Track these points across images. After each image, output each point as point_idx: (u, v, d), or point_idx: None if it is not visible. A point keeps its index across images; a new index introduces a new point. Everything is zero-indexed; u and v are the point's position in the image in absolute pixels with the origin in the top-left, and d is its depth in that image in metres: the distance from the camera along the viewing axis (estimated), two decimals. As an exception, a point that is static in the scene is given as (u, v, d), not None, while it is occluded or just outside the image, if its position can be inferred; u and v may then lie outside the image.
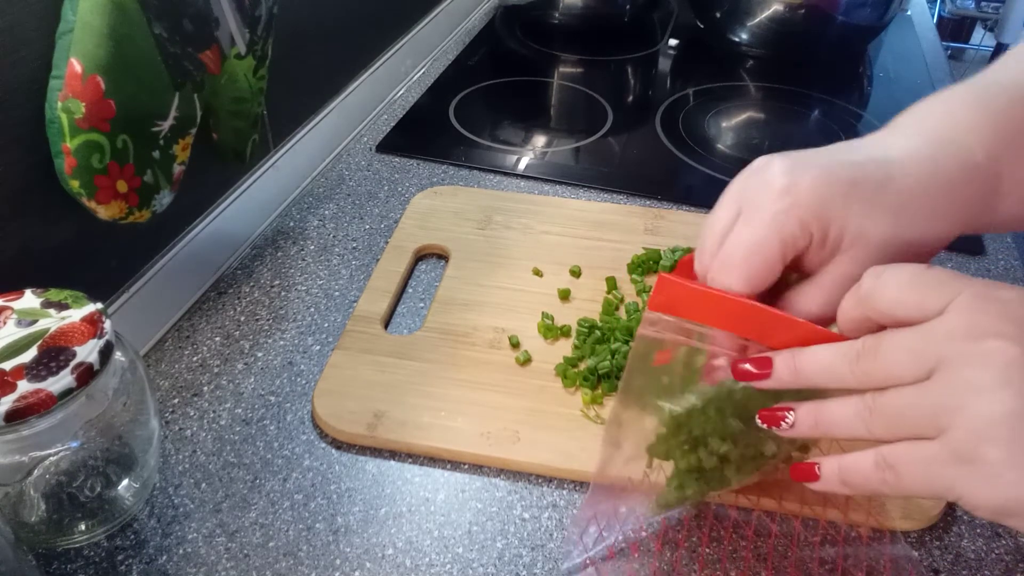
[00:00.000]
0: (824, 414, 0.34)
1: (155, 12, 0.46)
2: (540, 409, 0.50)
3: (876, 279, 0.32)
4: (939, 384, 0.29)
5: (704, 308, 0.37)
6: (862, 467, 0.32)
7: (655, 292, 0.38)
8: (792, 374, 0.34)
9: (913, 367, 0.30)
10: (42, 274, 0.47)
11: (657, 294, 0.38)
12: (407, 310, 0.60)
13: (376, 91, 0.88)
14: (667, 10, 1.25)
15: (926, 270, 0.32)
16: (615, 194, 0.75)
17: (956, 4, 2.98)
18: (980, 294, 0.30)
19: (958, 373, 0.29)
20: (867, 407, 0.32)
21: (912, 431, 0.30)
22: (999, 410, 0.28)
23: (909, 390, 0.30)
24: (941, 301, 0.30)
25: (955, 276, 0.31)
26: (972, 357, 0.29)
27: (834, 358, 0.33)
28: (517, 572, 0.42)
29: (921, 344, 0.30)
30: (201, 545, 0.43)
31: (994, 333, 0.29)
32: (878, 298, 0.32)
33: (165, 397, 0.52)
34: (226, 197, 0.64)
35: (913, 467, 0.30)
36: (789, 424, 0.35)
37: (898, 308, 0.31)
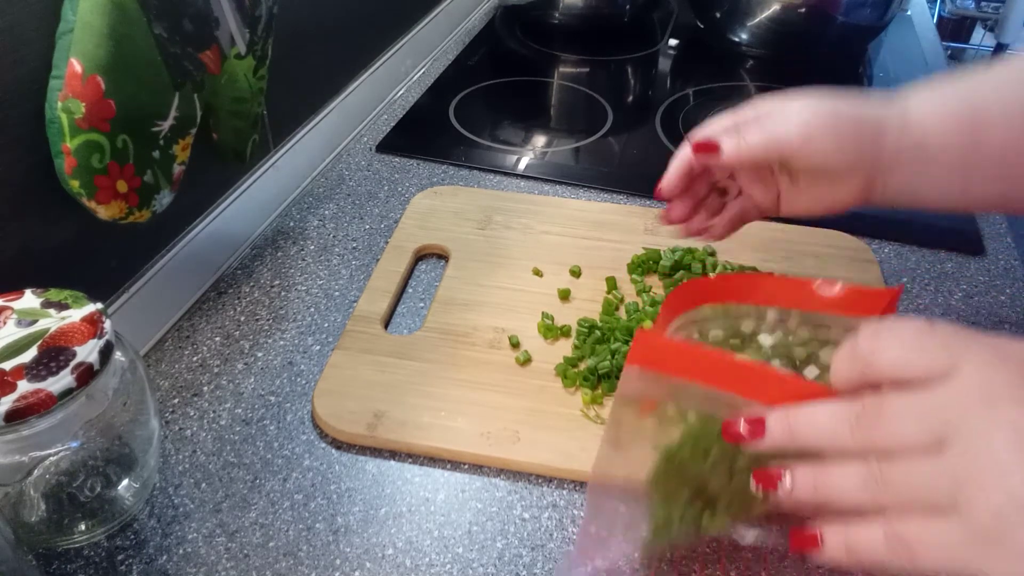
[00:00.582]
0: (825, 479, 0.31)
1: (155, 12, 0.46)
2: (540, 409, 0.50)
3: (875, 339, 0.31)
4: (954, 456, 0.28)
5: (687, 363, 0.35)
6: (872, 541, 0.30)
7: (634, 348, 0.37)
8: (787, 436, 0.32)
9: (922, 435, 0.28)
10: (42, 274, 0.47)
11: (636, 350, 0.36)
12: (407, 310, 0.60)
13: (376, 91, 0.88)
14: (667, 10, 1.25)
15: (929, 328, 0.30)
16: (615, 194, 0.75)
17: (956, 4, 2.98)
18: (991, 353, 0.29)
19: (974, 444, 0.27)
20: (873, 476, 0.30)
21: (926, 505, 0.28)
22: (1020, 487, 0.26)
23: (920, 461, 0.28)
24: (949, 363, 0.29)
25: (961, 334, 0.30)
26: (988, 426, 0.27)
27: (833, 420, 0.31)
28: (517, 572, 0.42)
29: (930, 410, 0.28)
30: (201, 545, 0.43)
31: (1009, 398, 0.27)
32: (879, 360, 0.30)
33: (165, 397, 0.52)
34: (226, 197, 0.64)
35: (930, 546, 0.28)
36: (786, 487, 0.33)
37: (902, 370, 0.30)
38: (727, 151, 0.47)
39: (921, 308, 0.61)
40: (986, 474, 0.27)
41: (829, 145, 0.45)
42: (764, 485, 0.33)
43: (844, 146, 0.45)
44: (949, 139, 0.45)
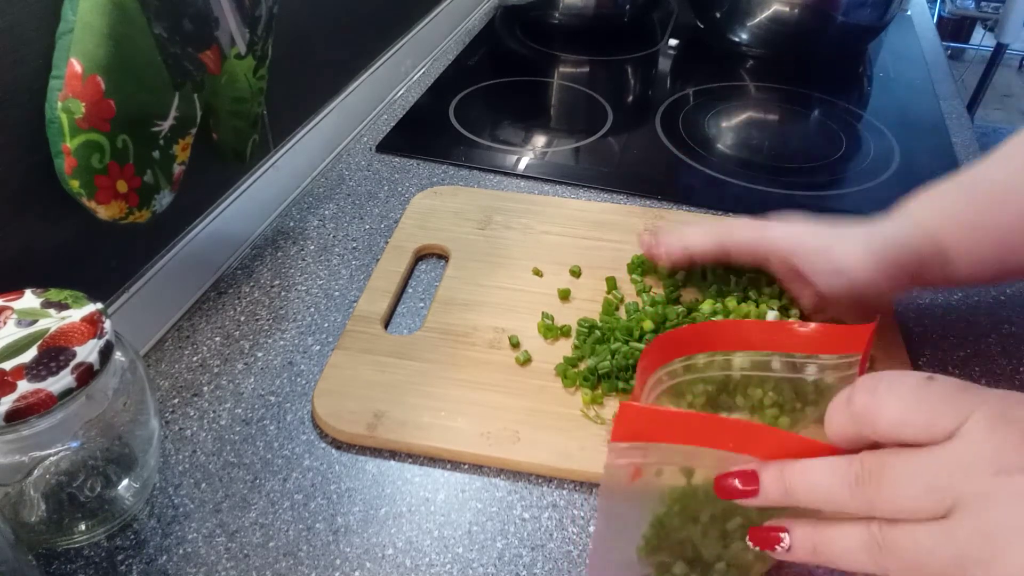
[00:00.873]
0: (825, 541, 0.30)
1: (155, 12, 0.46)
2: (540, 409, 0.50)
3: (872, 395, 0.29)
4: (965, 528, 0.26)
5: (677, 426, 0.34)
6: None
7: (618, 422, 0.35)
8: (782, 493, 0.31)
9: (927, 502, 0.27)
10: (42, 274, 0.47)
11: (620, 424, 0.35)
12: (407, 310, 0.60)
13: (376, 91, 0.88)
14: (667, 10, 1.25)
15: (929, 383, 0.29)
16: (615, 194, 0.75)
17: (956, 4, 2.98)
18: (998, 414, 0.27)
19: (986, 516, 0.26)
20: (876, 541, 0.28)
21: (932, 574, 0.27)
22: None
23: (927, 531, 0.27)
24: (952, 422, 0.27)
25: (964, 389, 0.28)
26: (1001, 497, 0.26)
27: (830, 480, 0.30)
28: (517, 572, 0.42)
29: (935, 476, 0.27)
30: (201, 545, 0.43)
31: (1021, 468, 0.26)
32: (877, 418, 0.29)
33: (165, 397, 0.52)
34: (226, 197, 0.64)
35: None
36: (785, 548, 0.31)
37: (901, 430, 0.28)
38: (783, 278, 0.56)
39: (922, 307, 0.61)
40: (994, 545, 0.26)
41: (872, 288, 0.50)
42: (762, 546, 0.32)
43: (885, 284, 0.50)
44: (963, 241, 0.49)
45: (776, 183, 0.78)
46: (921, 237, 0.50)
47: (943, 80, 1.03)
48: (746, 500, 0.32)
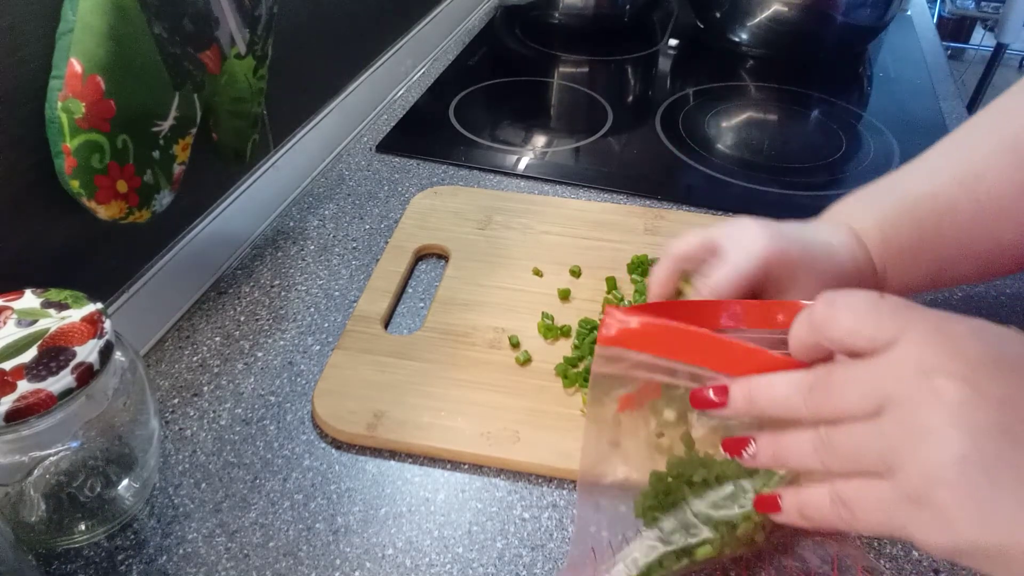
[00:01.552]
0: (782, 445, 0.34)
1: (155, 12, 0.46)
2: (540, 409, 0.50)
3: (829, 307, 0.32)
4: (889, 423, 0.29)
5: (658, 339, 0.37)
6: (819, 502, 0.33)
7: (604, 325, 0.37)
8: (747, 403, 0.34)
9: (863, 403, 0.30)
10: (42, 274, 0.47)
11: (608, 327, 0.37)
12: (407, 310, 0.60)
13: (376, 91, 0.88)
14: (667, 10, 1.25)
15: (879, 299, 0.32)
16: (615, 194, 0.75)
17: (956, 4, 2.98)
18: (931, 328, 0.30)
19: (907, 412, 0.29)
20: (822, 442, 0.32)
21: (865, 468, 0.30)
22: (949, 453, 0.28)
23: (860, 427, 0.30)
24: (892, 333, 0.30)
25: (908, 307, 0.31)
26: (921, 396, 0.29)
27: (788, 389, 0.33)
28: (517, 572, 0.42)
29: (871, 379, 0.30)
30: (201, 545, 0.43)
31: (943, 371, 0.29)
32: (831, 327, 0.32)
33: (165, 397, 0.52)
34: (226, 197, 0.64)
35: (866, 507, 0.30)
36: (751, 454, 0.35)
37: (850, 338, 0.31)
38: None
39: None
40: (915, 440, 0.28)
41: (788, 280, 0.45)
42: (732, 452, 0.36)
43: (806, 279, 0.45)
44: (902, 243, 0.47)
45: (776, 183, 0.78)
46: (864, 260, 0.47)
47: (943, 80, 1.03)
48: (716, 410, 0.36)
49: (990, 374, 0.28)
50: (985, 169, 0.46)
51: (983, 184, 0.46)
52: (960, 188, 0.47)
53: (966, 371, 0.28)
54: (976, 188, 0.46)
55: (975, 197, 0.46)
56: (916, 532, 0.29)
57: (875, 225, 0.48)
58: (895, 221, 0.48)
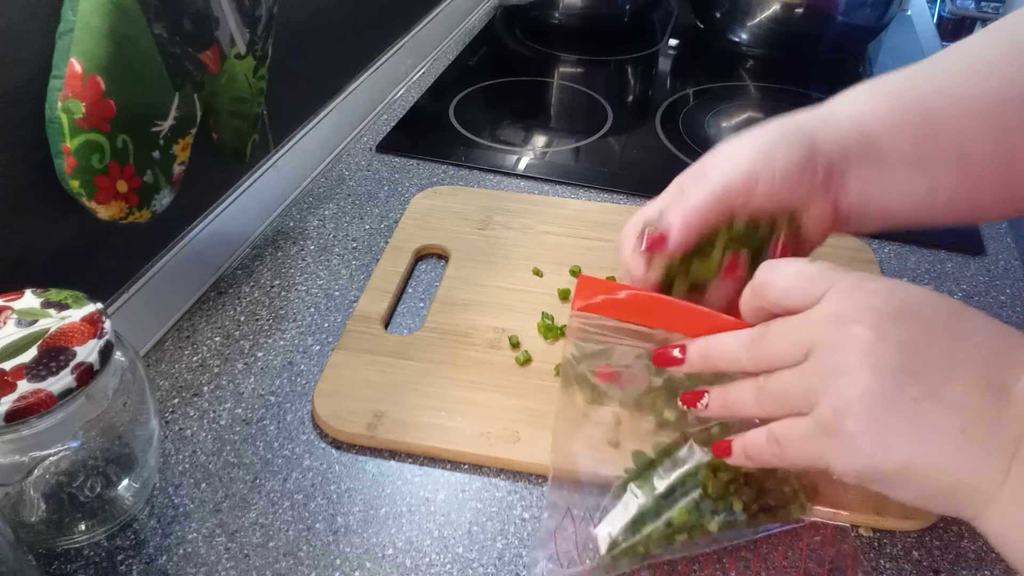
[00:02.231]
0: (729, 395, 0.38)
1: (155, 12, 0.46)
2: (540, 409, 0.50)
3: (768, 272, 0.36)
4: (811, 366, 0.34)
5: (626, 305, 0.41)
6: (758, 442, 0.37)
7: (577, 293, 0.42)
8: (702, 360, 0.39)
9: (793, 351, 0.34)
10: (42, 274, 0.47)
11: (580, 295, 0.42)
12: (407, 310, 0.60)
13: (376, 91, 0.88)
14: (667, 10, 1.25)
15: (809, 264, 0.36)
16: (615, 194, 0.75)
17: (956, 4, 2.98)
18: (851, 285, 0.34)
19: (826, 356, 0.33)
20: (759, 388, 0.36)
21: (792, 408, 0.34)
22: (855, 389, 0.32)
23: (788, 372, 0.34)
24: (819, 291, 0.34)
25: (834, 269, 0.35)
26: (837, 342, 0.33)
27: (734, 344, 0.37)
28: (517, 572, 0.42)
29: (798, 331, 0.34)
30: (201, 545, 0.43)
31: (856, 320, 0.33)
32: (769, 289, 0.36)
33: (165, 397, 0.52)
34: (226, 197, 0.64)
35: (792, 440, 0.35)
36: (704, 404, 0.39)
37: (785, 297, 0.35)
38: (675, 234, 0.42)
39: (921, 308, 0.61)
40: (830, 378, 0.32)
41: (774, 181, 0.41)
42: (688, 404, 0.40)
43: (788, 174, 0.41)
44: (899, 132, 0.42)
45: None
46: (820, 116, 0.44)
47: (943, 80, 1.03)
48: (676, 367, 0.40)
49: (894, 321, 0.32)
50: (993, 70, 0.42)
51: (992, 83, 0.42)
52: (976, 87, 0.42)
53: (875, 319, 0.32)
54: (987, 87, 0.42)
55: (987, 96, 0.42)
56: (830, 459, 0.33)
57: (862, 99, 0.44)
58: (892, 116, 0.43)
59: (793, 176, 0.41)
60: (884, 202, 0.43)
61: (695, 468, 0.42)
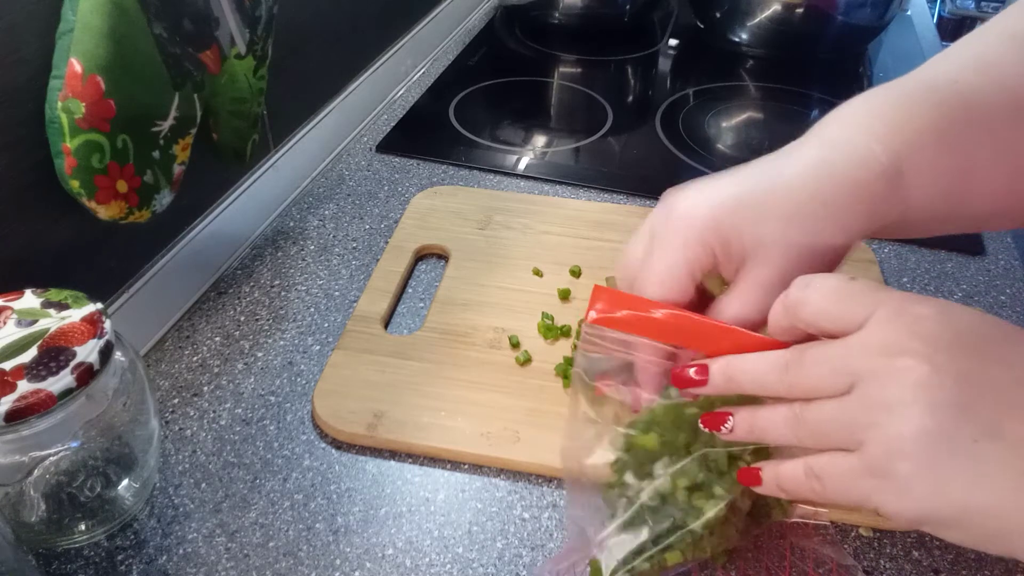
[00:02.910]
0: (758, 420, 0.35)
1: (155, 12, 0.46)
2: (540, 409, 0.50)
3: (802, 290, 0.33)
4: (856, 400, 0.31)
5: (644, 320, 0.38)
6: (795, 475, 0.34)
7: (592, 304, 0.39)
8: (727, 381, 0.35)
9: (833, 381, 0.31)
10: (42, 274, 0.47)
11: (595, 306, 0.39)
12: (407, 310, 0.60)
13: (376, 91, 0.88)
14: (667, 10, 1.25)
15: (849, 282, 0.32)
16: (615, 194, 0.75)
17: (956, 4, 2.98)
18: (896, 309, 0.31)
19: (873, 390, 0.30)
20: (795, 416, 0.33)
21: (834, 443, 0.32)
22: (909, 427, 0.29)
23: (830, 404, 0.32)
24: (861, 314, 0.31)
25: (877, 289, 0.32)
26: (885, 374, 0.30)
27: (764, 367, 0.34)
28: (517, 572, 0.42)
29: (840, 359, 0.31)
30: (201, 545, 0.43)
31: (906, 351, 0.30)
32: (803, 309, 0.33)
33: (165, 397, 0.52)
34: (226, 197, 0.64)
35: (835, 478, 0.32)
36: (728, 428, 0.36)
37: (821, 319, 0.32)
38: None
39: (921, 308, 0.61)
40: (880, 415, 0.30)
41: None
42: (710, 427, 0.37)
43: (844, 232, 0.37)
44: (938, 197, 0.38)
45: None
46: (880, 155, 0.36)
47: (943, 80, 1.03)
48: (697, 388, 0.36)
49: (949, 352, 0.30)
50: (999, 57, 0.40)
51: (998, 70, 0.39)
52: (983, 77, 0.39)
53: (927, 350, 0.30)
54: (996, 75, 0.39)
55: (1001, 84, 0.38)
56: (879, 502, 0.31)
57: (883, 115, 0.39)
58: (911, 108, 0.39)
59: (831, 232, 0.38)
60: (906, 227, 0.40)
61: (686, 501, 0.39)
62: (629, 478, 0.40)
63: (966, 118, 0.38)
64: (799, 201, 0.36)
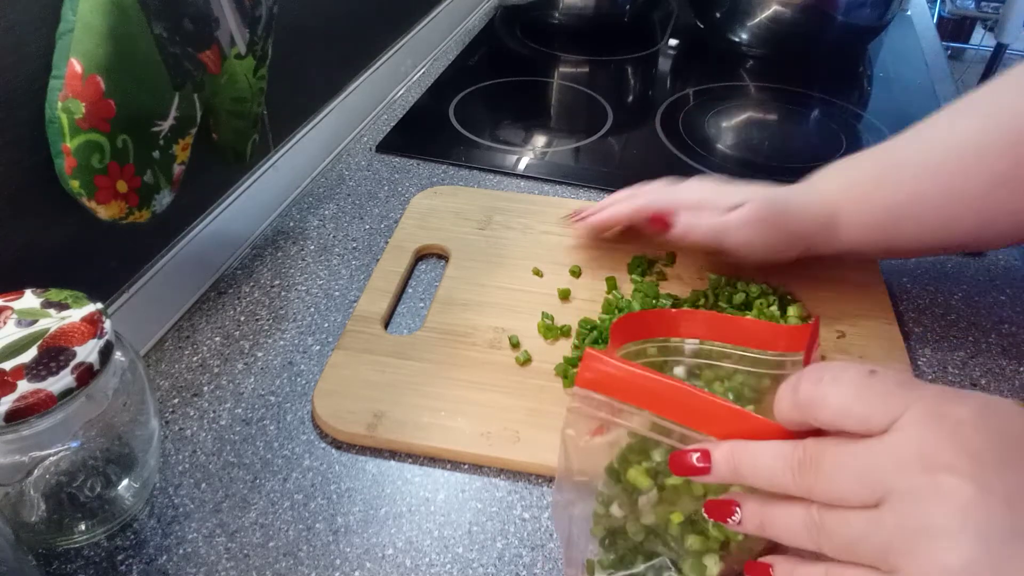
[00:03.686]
0: (770, 517, 0.32)
1: (155, 12, 0.46)
2: (540, 409, 0.50)
3: (816, 385, 0.31)
4: (890, 519, 0.28)
5: (635, 389, 0.36)
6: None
7: (582, 368, 0.37)
8: (732, 472, 0.33)
9: (860, 492, 0.29)
10: (42, 274, 0.47)
11: (585, 370, 0.36)
12: (407, 310, 0.60)
13: (376, 91, 0.88)
14: (667, 10, 1.25)
15: (870, 377, 0.30)
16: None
17: (956, 4, 2.98)
18: (930, 411, 0.28)
19: (910, 509, 0.27)
20: (815, 523, 0.30)
21: (863, 560, 0.29)
22: (955, 557, 0.26)
23: (858, 519, 0.29)
24: (888, 416, 0.29)
25: (902, 385, 0.30)
26: (925, 494, 0.27)
27: (775, 463, 0.31)
28: (517, 572, 0.42)
29: (869, 467, 0.29)
30: (201, 545, 0.43)
31: (947, 467, 0.27)
32: (820, 408, 0.30)
33: (165, 397, 0.52)
34: (226, 197, 0.64)
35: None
36: (736, 521, 0.33)
37: (843, 420, 0.30)
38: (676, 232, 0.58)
39: (921, 308, 0.61)
40: (918, 539, 0.27)
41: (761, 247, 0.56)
42: (716, 517, 0.34)
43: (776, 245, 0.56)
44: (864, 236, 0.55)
45: (776, 183, 0.78)
46: (819, 205, 0.55)
47: (943, 80, 1.03)
48: (698, 476, 0.34)
49: (996, 469, 0.27)
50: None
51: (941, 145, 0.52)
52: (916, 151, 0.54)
53: (971, 467, 0.27)
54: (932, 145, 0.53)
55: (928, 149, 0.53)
56: None
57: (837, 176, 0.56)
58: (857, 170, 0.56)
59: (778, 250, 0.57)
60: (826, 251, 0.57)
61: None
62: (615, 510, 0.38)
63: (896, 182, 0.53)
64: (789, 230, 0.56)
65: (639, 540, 0.38)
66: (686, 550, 0.36)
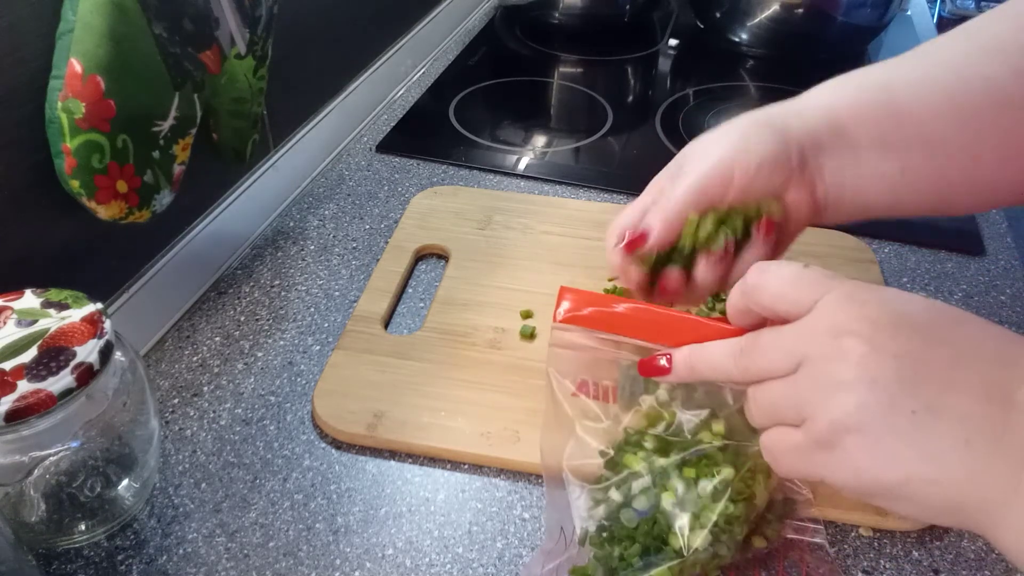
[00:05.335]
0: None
1: (155, 12, 0.46)
2: (540, 409, 0.50)
3: (760, 274, 0.35)
4: (802, 378, 0.33)
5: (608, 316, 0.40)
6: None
7: (559, 304, 0.40)
8: (688, 370, 0.38)
9: (784, 362, 0.33)
10: (42, 274, 0.47)
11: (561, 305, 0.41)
12: (407, 310, 0.60)
13: (376, 91, 0.88)
14: (667, 10, 1.25)
15: (803, 269, 0.34)
16: (615, 194, 0.75)
17: (956, 4, 2.98)
18: (845, 294, 0.33)
19: (818, 368, 0.32)
20: (751, 398, 0.35)
21: (782, 420, 0.34)
22: (851, 402, 0.31)
23: (779, 384, 0.34)
24: (812, 298, 0.33)
25: (829, 277, 0.34)
26: (830, 354, 0.32)
27: (722, 355, 0.36)
28: (517, 572, 0.42)
29: (790, 341, 0.33)
30: (201, 545, 0.43)
31: (849, 331, 0.31)
32: (761, 292, 0.35)
33: (165, 397, 0.52)
34: (226, 197, 0.64)
35: (784, 453, 0.34)
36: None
37: (777, 303, 0.34)
38: (655, 233, 0.44)
39: (921, 308, 0.61)
40: (825, 392, 0.32)
41: (749, 172, 0.42)
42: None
43: (763, 164, 0.43)
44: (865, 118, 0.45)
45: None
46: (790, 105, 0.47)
47: (943, 80, 1.03)
48: (662, 376, 0.39)
49: (890, 333, 0.31)
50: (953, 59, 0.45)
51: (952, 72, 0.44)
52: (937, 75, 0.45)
53: (869, 330, 0.31)
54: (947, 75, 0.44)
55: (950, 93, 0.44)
56: (826, 474, 0.32)
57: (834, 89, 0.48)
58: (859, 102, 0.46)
59: (768, 166, 0.43)
60: (858, 187, 0.45)
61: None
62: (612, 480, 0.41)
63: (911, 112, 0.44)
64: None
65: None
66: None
